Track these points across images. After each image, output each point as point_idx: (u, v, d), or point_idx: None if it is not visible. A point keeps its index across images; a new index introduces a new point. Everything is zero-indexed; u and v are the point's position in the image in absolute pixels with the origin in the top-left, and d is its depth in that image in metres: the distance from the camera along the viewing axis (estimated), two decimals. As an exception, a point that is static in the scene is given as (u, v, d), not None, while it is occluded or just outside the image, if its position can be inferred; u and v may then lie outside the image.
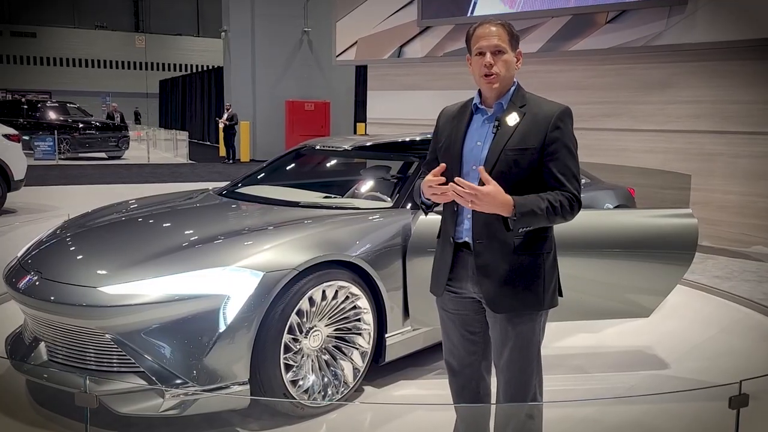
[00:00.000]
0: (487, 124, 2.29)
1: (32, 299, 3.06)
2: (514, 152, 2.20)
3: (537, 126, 2.21)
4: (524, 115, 2.24)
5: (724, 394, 2.25)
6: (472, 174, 2.25)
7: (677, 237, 3.71)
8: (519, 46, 2.29)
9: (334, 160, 4.79)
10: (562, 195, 2.18)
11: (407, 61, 10.41)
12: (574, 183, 2.21)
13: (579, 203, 2.23)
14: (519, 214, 2.12)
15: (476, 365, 2.49)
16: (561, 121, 2.22)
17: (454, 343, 2.48)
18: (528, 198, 2.16)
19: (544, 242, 2.29)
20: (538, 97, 2.31)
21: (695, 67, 7.40)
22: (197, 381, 2.83)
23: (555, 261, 2.36)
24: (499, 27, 2.24)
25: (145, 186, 12.59)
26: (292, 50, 20.12)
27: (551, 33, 8.53)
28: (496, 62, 2.22)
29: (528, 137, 2.20)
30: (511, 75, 2.27)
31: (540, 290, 2.28)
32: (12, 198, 9.27)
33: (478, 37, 2.25)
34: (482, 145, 2.26)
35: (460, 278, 2.36)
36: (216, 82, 24.67)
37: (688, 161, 7.40)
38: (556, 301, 2.37)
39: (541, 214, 2.15)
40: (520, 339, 2.31)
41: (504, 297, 2.26)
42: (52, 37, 42.29)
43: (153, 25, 45.90)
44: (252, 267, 2.99)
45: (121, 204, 4.29)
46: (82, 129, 18.78)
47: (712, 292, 5.56)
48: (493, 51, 2.21)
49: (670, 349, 4.23)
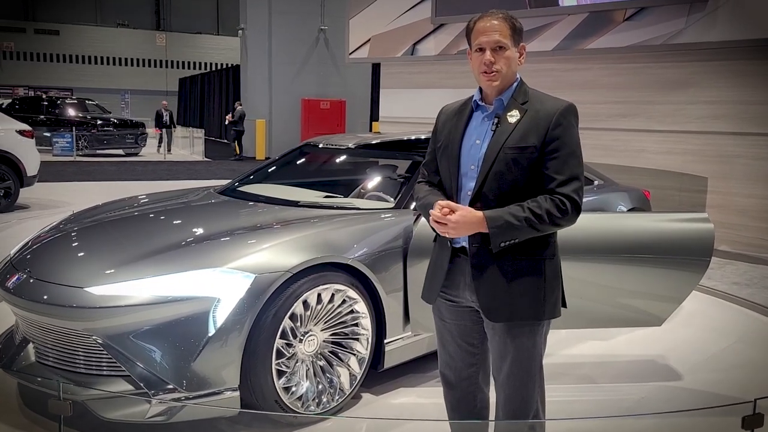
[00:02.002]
0: (486, 122, 2.17)
1: (20, 299, 2.99)
2: (513, 151, 2.08)
3: (538, 123, 2.09)
4: (525, 112, 2.12)
5: (737, 412, 2.11)
6: (471, 174, 2.16)
7: (692, 242, 3.55)
8: (523, 40, 2.17)
9: (338, 158, 4.68)
10: (549, 201, 2.05)
11: (421, 59, 10.27)
12: (572, 185, 2.08)
13: (576, 207, 2.08)
14: (493, 229, 2.02)
15: (474, 378, 2.36)
16: (563, 118, 2.10)
17: (451, 355, 2.35)
18: (503, 210, 2.05)
19: (546, 247, 2.16)
20: (541, 93, 2.19)
21: (715, 67, 7.18)
22: (185, 387, 2.73)
23: (558, 268, 2.21)
24: (501, 21, 2.12)
25: (159, 183, 12.57)
26: (309, 48, 20.07)
27: (567, 31, 8.34)
28: (497, 59, 2.10)
29: (528, 135, 2.09)
30: (513, 71, 2.15)
31: (540, 298, 2.14)
32: (25, 193, 9.31)
33: (478, 32, 2.13)
34: (481, 143, 2.16)
35: (456, 285, 2.24)
36: (234, 81, 24.69)
37: (707, 163, 7.19)
38: (559, 311, 2.22)
39: (521, 225, 2.03)
40: (520, 351, 2.18)
41: (501, 304, 2.13)
42: (74, 35, 42.69)
43: (174, 24, 46.17)
44: (244, 269, 2.89)
45: (117, 202, 4.22)
46: (101, 126, 18.89)
47: (730, 299, 5.37)
48: (493, 47, 2.10)
49: (683, 359, 4.06)
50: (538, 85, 2.22)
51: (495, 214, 2.03)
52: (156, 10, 46.39)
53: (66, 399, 2.10)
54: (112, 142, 18.96)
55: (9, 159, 8.76)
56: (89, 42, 43.17)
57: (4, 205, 8.76)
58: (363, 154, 4.50)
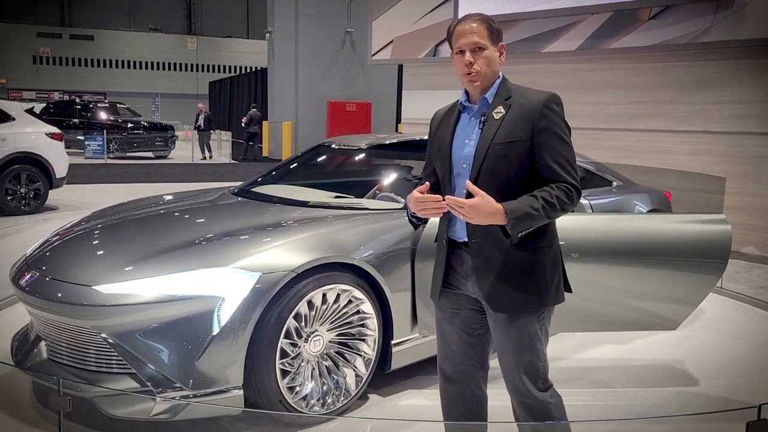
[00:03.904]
0: (473, 121, 2.24)
1: (32, 297, 3.04)
2: (502, 146, 2.14)
3: (523, 117, 2.14)
4: (510, 107, 2.17)
5: (742, 417, 2.05)
6: (463, 173, 2.21)
7: (708, 244, 3.47)
8: (502, 40, 2.24)
9: (351, 159, 4.68)
10: (557, 188, 2.10)
11: (443, 60, 10.21)
12: (569, 171, 2.13)
13: (578, 191, 2.14)
14: (513, 220, 2.05)
15: (472, 373, 2.38)
16: (547, 108, 2.14)
17: (451, 347, 2.38)
18: (520, 201, 2.09)
19: (543, 236, 2.19)
20: (524, 87, 2.25)
21: (742, 65, 7.01)
22: (190, 385, 2.75)
23: (557, 255, 2.26)
24: (479, 23, 2.19)
25: (185, 185, 12.72)
26: (335, 51, 20.13)
27: (591, 30, 8.22)
28: (476, 59, 2.17)
29: (515, 129, 2.14)
30: (494, 70, 2.21)
31: (541, 287, 2.19)
32: (54, 195, 9.50)
33: (457, 35, 2.21)
34: (470, 142, 2.21)
35: (459, 278, 2.29)
36: (262, 83, 24.90)
37: (732, 164, 7.02)
38: (562, 297, 2.27)
39: (538, 214, 2.07)
40: (523, 338, 2.21)
41: (503, 294, 2.18)
42: (108, 40, 43.47)
43: (204, 28, 46.74)
44: (248, 268, 2.90)
45: (132, 202, 4.27)
46: (131, 129, 19.22)
47: (756, 303, 5.23)
48: (472, 48, 2.17)
49: (701, 364, 3.96)
50: (563, 86, 2.24)
51: (513, 206, 2.06)
52: (187, 14, 47.02)
53: (66, 395, 2.12)
54: (142, 145, 19.29)
55: (39, 161, 8.98)
56: (122, 47, 43.92)
57: (34, 206, 8.96)
58: (375, 154, 4.49)
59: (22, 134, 8.83)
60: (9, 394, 3.32)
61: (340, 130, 18.63)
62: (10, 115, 8.84)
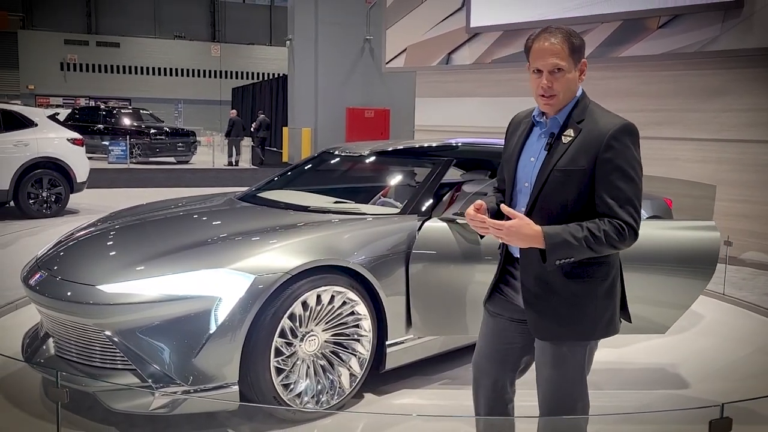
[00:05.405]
0: (542, 139, 2.14)
1: (40, 296, 3.20)
2: (561, 173, 2.04)
3: (589, 145, 2.02)
4: (580, 132, 2.05)
5: (705, 417, 2.12)
6: (524, 191, 2.15)
7: (697, 250, 3.52)
8: (584, 55, 2.08)
9: (354, 165, 4.80)
10: (608, 223, 1.99)
11: (456, 68, 10.33)
12: (628, 209, 2.00)
13: (633, 231, 2.02)
14: (550, 245, 1.97)
15: (501, 374, 2.32)
16: (615, 140, 2.00)
17: (487, 347, 2.34)
18: (563, 227, 2.00)
19: (599, 267, 2.10)
20: (602, 110, 2.11)
21: (751, 74, 7.02)
22: (187, 381, 2.88)
23: (612, 288, 2.16)
24: (560, 41, 2.03)
25: (204, 189, 12.93)
26: (355, 58, 20.32)
27: (601, 38, 8.28)
28: (554, 83, 2.04)
29: (578, 157, 2.03)
30: (572, 91, 2.08)
31: (589, 320, 2.11)
32: (75, 199, 9.75)
33: (535, 55, 2.06)
34: (535, 161, 2.13)
35: (509, 289, 2.26)
36: (283, 90, 25.18)
37: (743, 172, 7.02)
38: (613, 330, 2.18)
39: (579, 245, 1.97)
40: (565, 368, 2.15)
41: (549, 324, 2.12)
42: (134, 47, 44.24)
43: (228, 35, 47.35)
44: (244, 269, 3.03)
45: (143, 206, 4.43)
46: (154, 135, 19.56)
47: (758, 310, 5.24)
48: (551, 70, 2.03)
49: (696, 368, 4.01)
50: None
51: (553, 231, 1.98)
52: (212, 22, 47.69)
53: (63, 387, 2.25)
54: (164, 150, 19.59)
55: (60, 166, 9.22)
56: (147, 53, 44.65)
57: (55, 210, 9.21)
58: (378, 161, 4.61)
59: (45, 139, 9.09)
60: (20, 388, 3.48)
61: (358, 137, 18.78)
62: (33, 120, 9.10)
